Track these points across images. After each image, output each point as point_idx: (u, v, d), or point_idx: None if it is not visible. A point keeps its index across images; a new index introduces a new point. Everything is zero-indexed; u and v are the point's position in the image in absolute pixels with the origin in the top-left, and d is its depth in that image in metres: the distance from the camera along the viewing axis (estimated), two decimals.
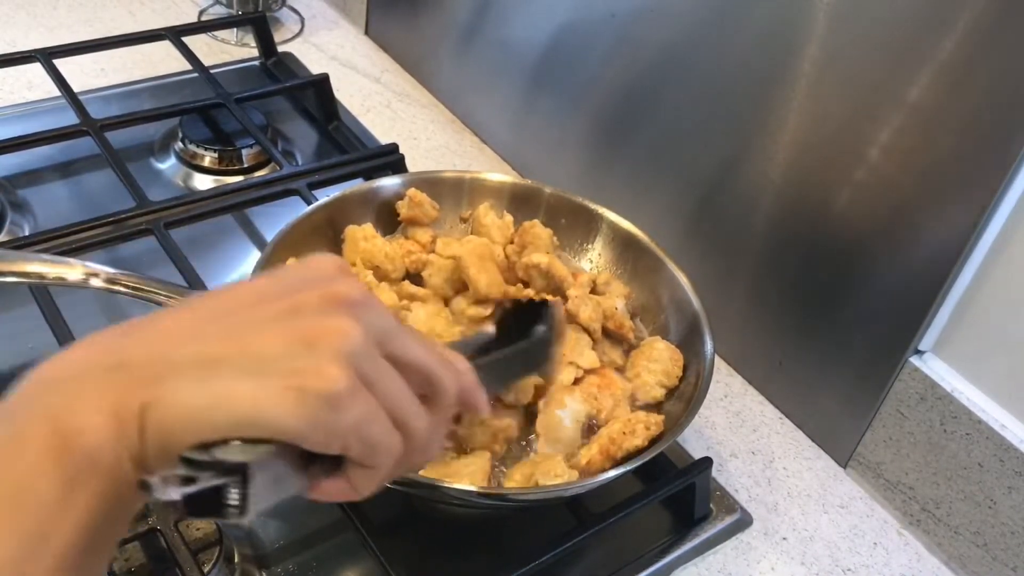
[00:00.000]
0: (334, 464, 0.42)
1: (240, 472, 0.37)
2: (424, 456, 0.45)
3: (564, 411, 0.71)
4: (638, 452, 0.70)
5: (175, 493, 0.36)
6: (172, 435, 0.37)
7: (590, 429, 0.73)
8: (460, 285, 0.79)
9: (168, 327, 0.40)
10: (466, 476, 0.66)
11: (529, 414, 0.73)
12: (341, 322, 0.40)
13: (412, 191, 0.84)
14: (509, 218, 0.86)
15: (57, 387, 0.38)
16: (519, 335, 0.61)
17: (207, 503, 0.37)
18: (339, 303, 0.41)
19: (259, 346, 0.39)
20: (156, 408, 0.37)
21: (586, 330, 0.77)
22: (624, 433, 0.69)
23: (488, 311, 0.77)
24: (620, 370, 0.78)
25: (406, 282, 0.80)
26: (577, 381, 0.74)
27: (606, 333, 0.79)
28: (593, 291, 0.82)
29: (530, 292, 0.79)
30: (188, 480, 0.36)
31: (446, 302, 0.79)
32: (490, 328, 0.59)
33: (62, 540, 0.36)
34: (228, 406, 0.37)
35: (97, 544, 0.37)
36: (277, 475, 0.39)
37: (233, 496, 0.37)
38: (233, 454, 0.37)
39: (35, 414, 0.37)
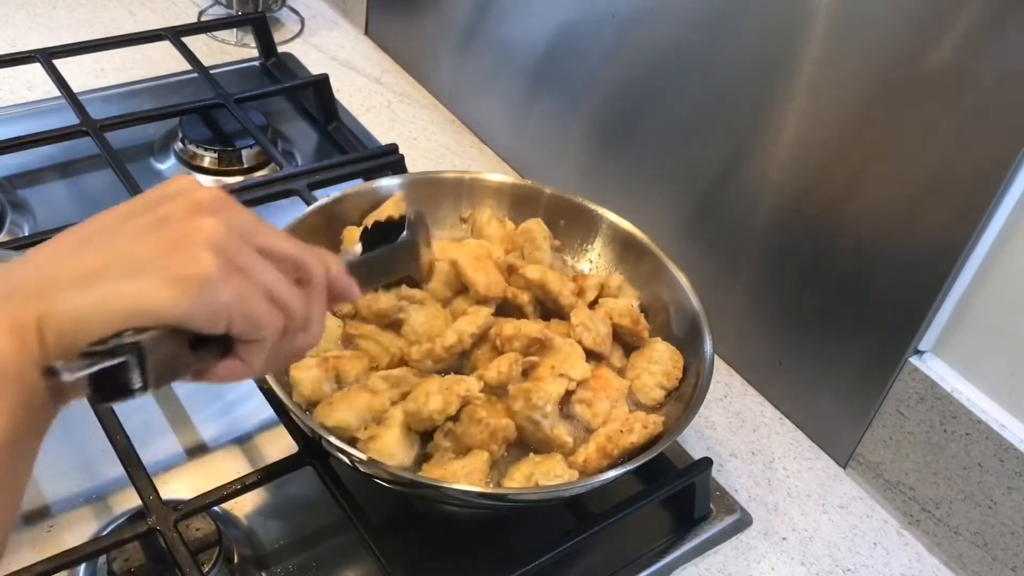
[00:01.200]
0: (223, 347, 0.47)
1: (135, 351, 0.41)
2: (308, 335, 0.50)
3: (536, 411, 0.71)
4: (635, 449, 0.70)
5: (80, 373, 0.40)
6: (70, 339, 0.41)
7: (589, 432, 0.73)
8: (459, 287, 0.79)
9: (49, 252, 0.45)
10: (463, 476, 0.66)
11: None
12: (205, 221, 0.45)
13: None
14: (511, 225, 0.86)
15: None
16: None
17: (113, 385, 0.41)
18: (202, 207, 0.46)
19: (133, 252, 0.44)
20: (50, 318, 0.41)
21: (594, 352, 0.77)
22: (621, 431, 0.69)
23: (491, 309, 0.77)
24: (620, 372, 0.78)
25: (404, 288, 0.80)
26: (569, 393, 0.74)
27: (618, 334, 0.79)
28: (600, 295, 0.82)
29: (525, 297, 0.79)
30: (90, 363, 0.40)
31: (445, 304, 0.79)
32: (356, 248, 0.63)
33: None
34: (115, 304, 0.41)
35: (16, 455, 0.41)
36: (171, 353, 0.43)
37: (134, 374, 0.41)
38: (127, 339, 0.41)
39: None
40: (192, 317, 0.43)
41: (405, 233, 0.65)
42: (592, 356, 0.77)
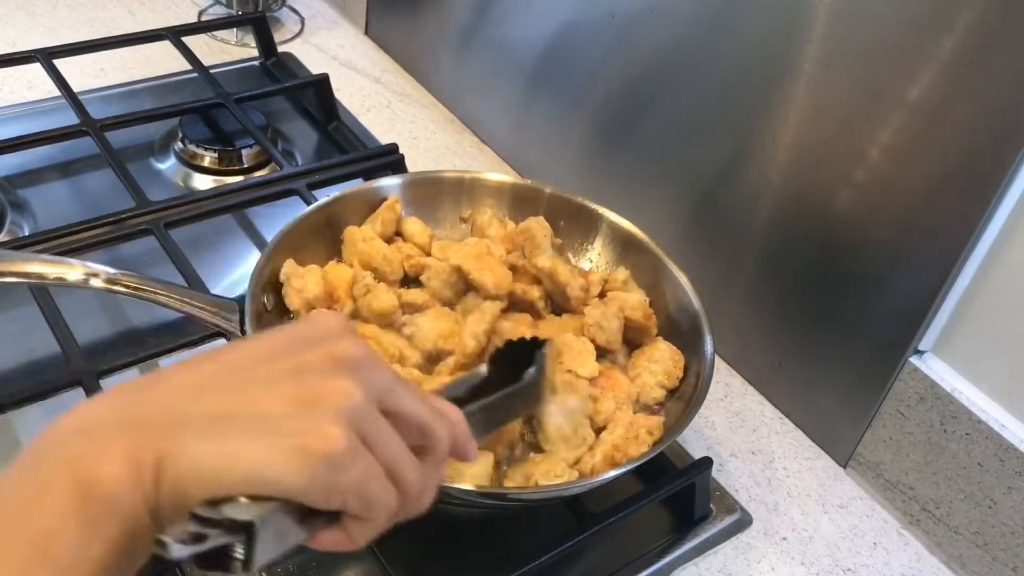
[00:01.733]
0: (333, 516, 0.44)
1: (246, 530, 0.39)
2: (418, 506, 0.47)
3: (559, 412, 0.71)
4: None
5: (187, 552, 0.38)
6: (185, 489, 0.39)
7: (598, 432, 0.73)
8: (460, 287, 0.79)
9: (182, 382, 0.43)
10: (468, 477, 0.66)
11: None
12: (342, 382, 0.42)
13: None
14: (511, 225, 0.86)
15: (78, 438, 0.40)
16: (511, 373, 0.62)
17: (215, 559, 0.39)
18: (341, 363, 0.43)
19: (265, 404, 0.41)
20: (170, 462, 0.39)
21: (605, 347, 0.77)
22: (627, 439, 0.69)
23: (503, 304, 0.77)
24: (623, 369, 0.78)
25: (404, 289, 0.80)
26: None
27: (626, 328, 0.79)
28: (603, 292, 0.81)
29: (536, 292, 0.78)
30: (198, 538, 0.38)
31: (447, 303, 0.79)
32: (483, 368, 0.60)
33: None
34: (236, 465, 0.39)
35: None
36: (280, 530, 0.41)
37: (239, 552, 0.39)
38: (240, 512, 0.39)
39: (57, 463, 0.39)
40: (309, 493, 0.41)
41: (533, 369, 0.62)
42: (601, 352, 0.77)
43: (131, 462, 0.39)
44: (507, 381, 0.61)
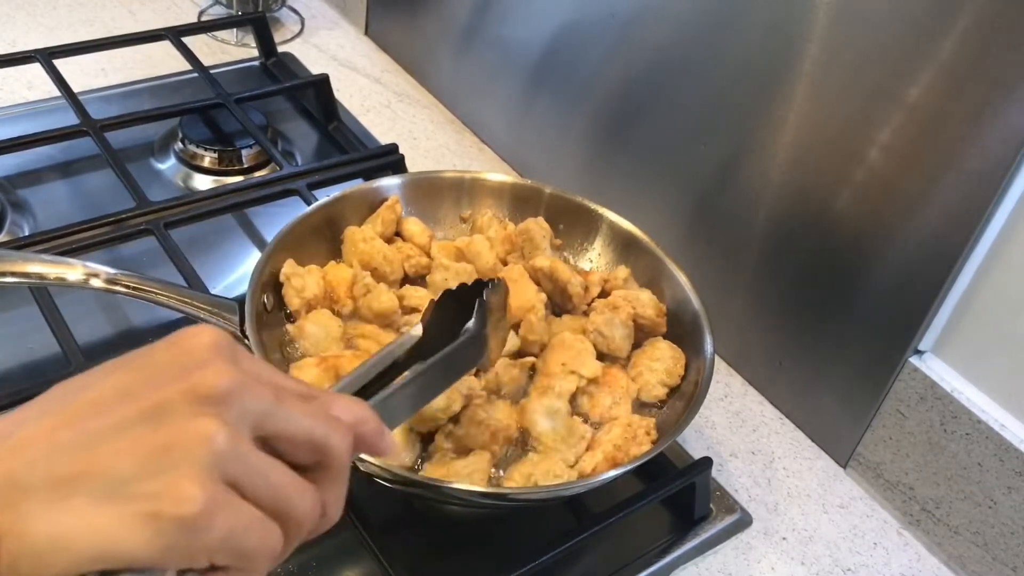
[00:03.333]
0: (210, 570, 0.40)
1: None
2: (324, 524, 0.43)
3: (544, 418, 0.71)
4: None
5: None
6: (37, 565, 0.35)
7: (592, 428, 0.73)
8: None
9: (22, 439, 0.38)
10: (465, 477, 0.66)
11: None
12: (203, 423, 0.38)
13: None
14: (511, 226, 0.86)
15: None
16: (452, 327, 0.57)
17: None
18: (204, 399, 0.38)
19: (112, 462, 0.37)
20: (8, 540, 0.35)
21: (608, 353, 0.77)
22: (626, 439, 0.69)
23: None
24: (623, 367, 0.78)
25: (406, 288, 0.80)
26: (579, 389, 0.74)
27: (637, 326, 0.79)
28: (604, 292, 0.81)
29: (543, 296, 0.78)
30: None
31: None
32: (416, 330, 0.56)
33: None
34: (81, 540, 0.36)
35: None
36: None
37: None
38: None
39: None
40: (167, 561, 0.36)
41: (473, 322, 0.57)
42: (604, 356, 0.77)
43: None
44: (445, 340, 0.56)
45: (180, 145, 1.04)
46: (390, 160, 1.01)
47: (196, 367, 0.39)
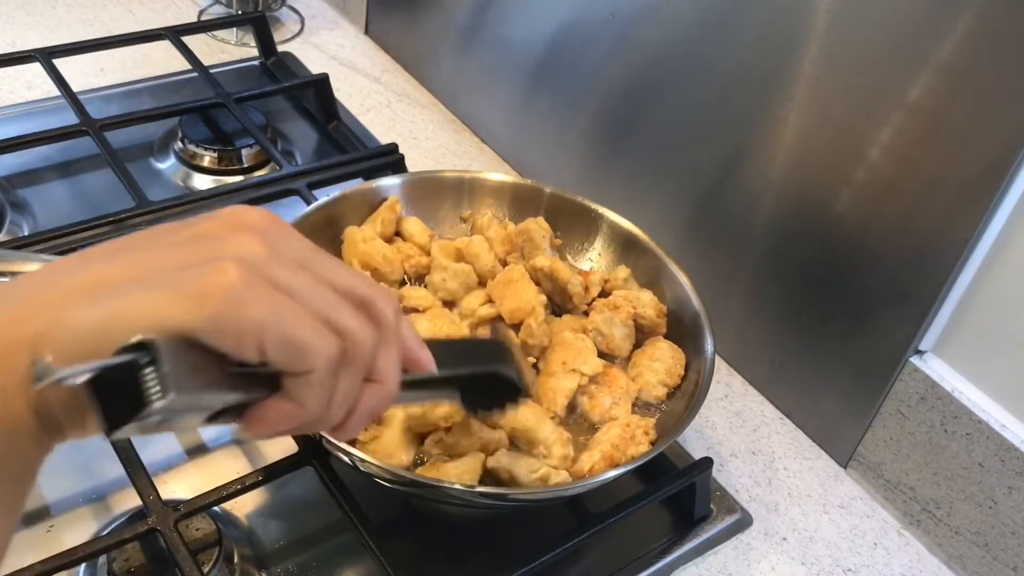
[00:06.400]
0: (271, 384, 0.39)
1: (145, 351, 0.34)
2: (382, 388, 0.42)
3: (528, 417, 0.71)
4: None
5: (74, 373, 0.33)
6: (68, 360, 0.34)
7: (592, 428, 0.73)
8: (471, 287, 0.80)
9: (63, 262, 0.39)
10: (455, 476, 0.66)
11: None
12: (243, 237, 0.39)
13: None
14: (511, 226, 0.86)
15: None
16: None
17: (125, 398, 0.34)
18: (243, 227, 0.39)
19: (155, 265, 0.37)
20: (46, 338, 0.35)
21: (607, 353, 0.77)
22: (625, 439, 0.69)
23: (494, 309, 0.77)
24: (622, 367, 0.78)
25: (404, 287, 0.80)
26: (580, 388, 0.74)
27: (637, 326, 0.79)
28: (604, 292, 0.81)
29: (543, 298, 0.78)
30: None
31: (452, 305, 0.79)
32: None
33: None
34: (123, 320, 0.35)
35: None
36: (194, 364, 0.36)
37: (149, 377, 0.34)
38: (132, 341, 0.35)
39: None
40: (210, 332, 0.36)
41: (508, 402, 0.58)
42: (604, 355, 0.77)
43: None
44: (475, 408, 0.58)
45: (180, 145, 1.04)
46: (390, 160, 1.01)
47: (239, 212, 0.40)
